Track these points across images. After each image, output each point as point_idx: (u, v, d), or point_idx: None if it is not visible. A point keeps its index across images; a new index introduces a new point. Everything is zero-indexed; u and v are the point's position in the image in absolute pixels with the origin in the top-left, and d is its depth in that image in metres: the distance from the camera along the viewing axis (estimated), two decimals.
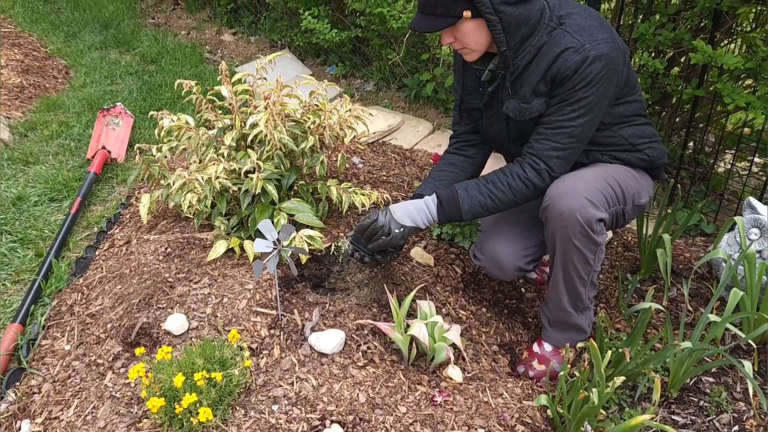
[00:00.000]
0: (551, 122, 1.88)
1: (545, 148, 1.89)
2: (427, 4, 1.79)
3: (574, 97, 1.81)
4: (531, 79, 1.86)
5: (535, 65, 1.84)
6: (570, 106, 1.83)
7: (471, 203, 1.94)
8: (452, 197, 1.95)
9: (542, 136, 1.90)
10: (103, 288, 2.26)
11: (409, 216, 1.96)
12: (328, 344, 1.92)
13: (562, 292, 1.99)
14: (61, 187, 3.03)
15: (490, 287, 2.40)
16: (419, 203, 1.98)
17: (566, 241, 1.86)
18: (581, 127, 1.87)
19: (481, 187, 1.94)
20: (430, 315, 2.02)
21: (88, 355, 1.97)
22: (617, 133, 1.99)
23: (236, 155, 2.33)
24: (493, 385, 2.00)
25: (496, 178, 1.95)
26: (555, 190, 1.86)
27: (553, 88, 1.84)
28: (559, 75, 1.80)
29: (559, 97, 1.84)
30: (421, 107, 4.00)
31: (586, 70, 1.77)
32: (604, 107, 1.89)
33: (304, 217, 2.23)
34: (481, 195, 1.94)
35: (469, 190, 1.95)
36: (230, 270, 2.19)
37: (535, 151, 1.91)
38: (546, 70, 1.82)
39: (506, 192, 1.93)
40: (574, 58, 1.77)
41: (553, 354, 2.13)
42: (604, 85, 1.82)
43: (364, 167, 3.08)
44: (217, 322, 1.98)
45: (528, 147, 1.94)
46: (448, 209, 1.96)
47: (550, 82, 1.83)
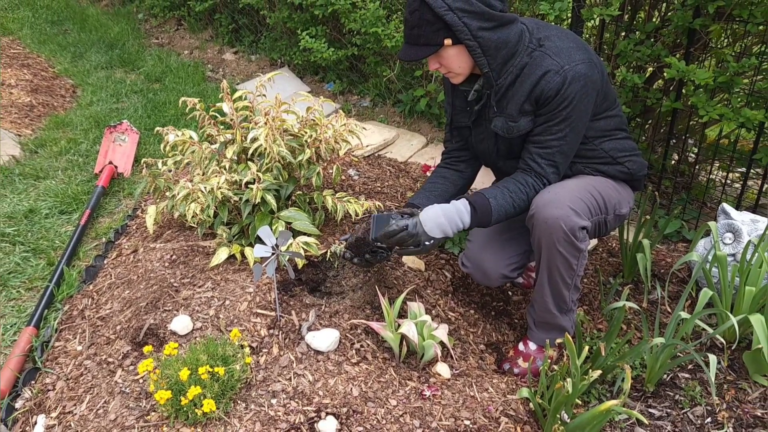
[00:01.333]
0: (540, 141, 2.02)
1: (540, 164, 2.04)
2: (411, 35, 1.94)
3: (558, 117, 1.96)
4: (516, 98, 2.00)
5: (519, 85, 1.98)
6: (556, 126, 1.98)
7: (499, 212, 2.03)
8: (486, 206, 2.00)
9: (535, 155, 2.04)
10: (112, 293, 2.40)
11: (439, 228, 1.98)
12: (323, 343, 2.05)
13: (547, 294, 2.11)
14: (70, 201, 3.18)
15: (479, 291, 2.53)
16: (449, 211, 2.00)
17: (551, 247, 1.99)
18: (568, 144, 2.02)
19: (506, 197, 2.03)
20: (419, 315, 2.14)
21: (98, 354, 2.10)
22: (599, 147, 2.13)
23: (237, 167, 2.47)
24: (480, 381, 2.12)
25: (518, 188, 2.04)
26: (541, 199, 2.00)
27: (538, 108, 1.99)
28: (543, 96, 1.94)
29: (544, 117, 1.98)
30: (416, 122, 4.15)
31: (567, 90, 1.92)
32: (585, 122, 2.04)
33: (301, 225, 2.37)
34: (508, 204, 2.03)
35: (498, 198, 2.02)
36: (232, 275, 2.32)
37: (530, 168, 2.05)
38: (530, 91, 1.96)
39: (525, 201, 2.04)
40: (555, 80, 1.91)
41: (537, 352, 2.25)
42: (585, 102, 1.97)
43: (360, 179, 3.22)
44: (219, 323, 2.11)
45: (524, 163, 2.07)
46: (481, 216, 2.00)
47: (535, 101, 1.98)
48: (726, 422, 2.02)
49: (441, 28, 1.88)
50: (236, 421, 1.83)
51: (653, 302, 2.60)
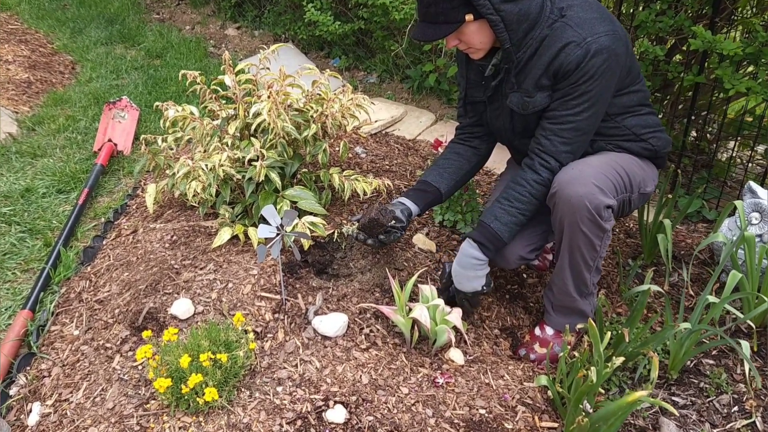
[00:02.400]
0: (556, 117, 1.90)
1: (553, 144, 1.92)
2: (428, 13, 1.80)
3: (577, 91, 1.83)
4: (533, 72, 1.88)
5: (537, 58, 1.86)
6: (574, 100, 1.85)
7: (509, 230, 1.97)
8: (490, 234, 1.97)
9: (549, 132, 1.92)
10: (110, 275, 2.30)
11: (468, 280, 2.03)
12: (331, 327, 1.95)
13: (568, 277, 2.01)
14: (68, 179, 3.08)
15: (493, 272, 2.42)
16: (465, 261, 2.00)
17: (574, 227, 1.88)
18: (586, 121, 1.89)
19: (510, 210, 1.96)
20: (431, 299, 2.04)
21: (96, 339, 2.01)
22: (621, 124, 2.01)
23: (240, 144, 2.36)
24: (495, 368, 2.03)
25: (518, 194, 1.96)
26: (563, 176, 1.88)
27: (556, 82, 1.86)
28: (562, 69, 1.82)
29: (562, 92, 1.86)
30: (424, 98, 4.02)
31: (588, 64, 1.79)
32: (607, 99, 1.91)
33: (307, 204, 2.27)
34: (513, 218, 1.97)
35: (500, 218, 1.97)
36: (235, 256, 2.22)
37: (543, 149, 1.93)
38: (548, 64, 1.84)
39: (531, 202, 1.96)
40: (576, 53, 1.79)
41: (554, 338, 2.15)
42: (607, 77, 1.84)
43: (367, 157, 3.11)
44: (222, 307, 2.01)
45: (536, 143, 1.96)
46: (493, 246, 1.98)
47: (553, 76, 1.85)
48: (754, 411, 1.92)
49: (461, 4, 1.76)
50: (240, 410, 1.74)
51: (674, 285, 2.50)
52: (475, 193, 2.56)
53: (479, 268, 2.01)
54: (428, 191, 2.20)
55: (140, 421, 1.72)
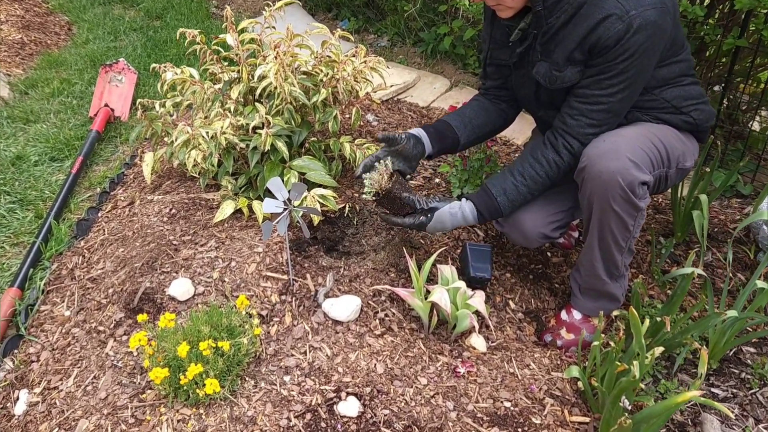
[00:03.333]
0: (587, 96, 1.72)
1: (580, 125, 1.75)
2: None
3: (614, 69, 1.65)
4: (566, 43, 1.69)
5: (572, 28, 1.67)
6: (609, 79, 1.67)
7: (512, 205, 1.88)
8: (493, 207, 1.87)
9: (576, 111, 1.75)
10: (104, 251, 2.14)
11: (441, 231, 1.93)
12: (343, 311, 1.80)
13: (597, 259, 1.85)
14: (62, 146, 2.90)
15: (515, 251, 2.26)
16: (456, 218, 1.88)
17: (604, 206, 1.71)
18: (620, 103, 1.72)
19: (520, 188, 1.85)
20: (452, 280, 1.88)
21: (88, 321, 1.86)
22: (659, 96, 1.82)
23: (243, 110, 2.18)
24: (519, 355, 1.87)
25: (533, 171, 1.83)
26: (594, 149, 1.70)
27: (591, 58, 1.68)
28: (599, 44, 1.63)
29: (597, 68, 1.68)
30: (438, 63, 3.81)
31: (629, 41, 1.60)
32: (646, 78, 1.73)
33: (316, 175, 2.09)
34: (521, 196, 1.86)
35: (508, 193, 1.85)
36: (238, 232, 2.06)
37: (568, 129, 1.77)
38: (584, 37, 1.65)
39: (545, 184, 1.85)
40: (616, 27, 1.60)
41: (582, 322, 1.99)
42: (648, 56, 1.65)
43: (379, 125, 2.92)
44: (224, 288, 1.85)
45: (561, 122, 1.79)
46: (489, 216, 1.89)
47: (588, 51, 1.67)
48: None
49: None
50: (244, 402, 1.59)
51: (708, 265, 2.33)
52: (497, 165, 2.38)
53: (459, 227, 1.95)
54: (448, 136, 2.04)
55: (135, 412, 1.58)
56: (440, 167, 2.49)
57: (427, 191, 2.43)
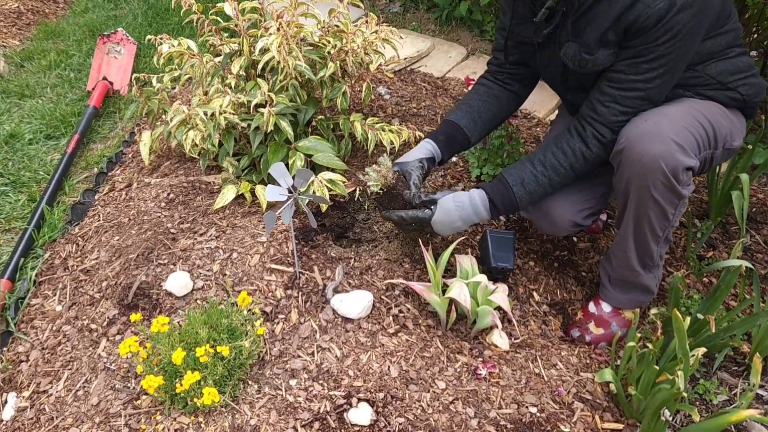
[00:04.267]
0: (621, 81, 1.54)
1: (612, 113, 1.58)
2: None
3: (653, 52, 1.47)
4: (598, 22, 1.51)
5: (606, 5, 1.49)
6: (647, 63, 1.49)
7: (530, 198, 1.71)
8: (509, 198, 1.70)
9: (608, 97, 1.57)
10: (99, 239, 2.01)
11: (453, 229, 1.75)
12: (353, 308, 1.65)
13: (631, 249, 1.69)
14: (58, 123, 2.75)
15: (538, 237, 2.10)
16: (465, 209, 1.71)
17: (643, 193, 1.54)
18: (658, 89, 1.54)
19: (541, 180, 1.68)
20: (471, 273, 1.73)
21: (80, 318, 1.73)
22: (703, 72, 1.63)
23: (245, 86, 2.01)
24: (545, 353, 1.73)
25: (557, 163, 1.66)
26: (634, 130, 1.52)
27: (626, 39, 1.50)
28: (637, 24, 1.44)
29: (633, 50, 1.50)
30: (454, 30, 3.59)
31: (672, 19, 1.42)
32: (688, 60, 1.55)
33: (323, 157, 1.93)
34: (541, 188, 1.69)
35: (526, 184, 1.69)
36: (240, 219, 1.91)
37: (599, 117, 1.60)
38: (619, 15, 1.47)
39: (569, 176, 1.69)
40: (657, 5, 1.41)
41: (612, 315, 1.84)
42: (692, 36, 1.47)
43: (392, 98, 2.74)
44: (225, 281, 1.71)
45: (590, 109, 1.62)
46: (503, 209, 1.72)
47: (623, 31, 1.48)
48: None
49: None
50: (247, 408, 1.46)
51: (747, 249, 2.16)
52: (519, 143, 2.20)
53: (469, 225, 1.75)
54: (458, 140, 1.89)
55: (129, 421, 1.46)
56: None
57: (444, 171, 2.27)
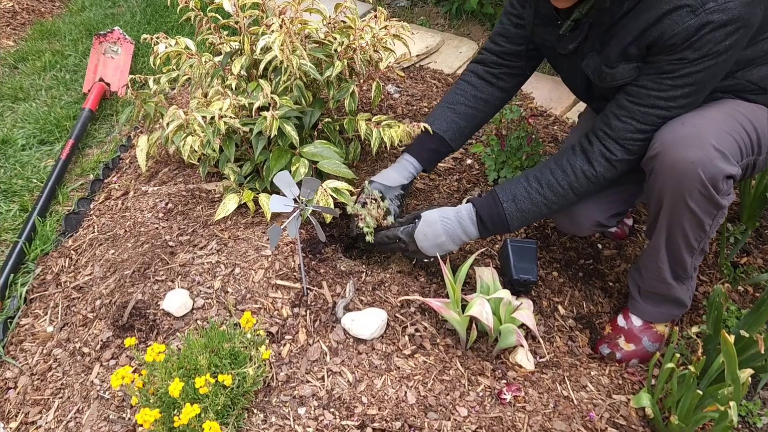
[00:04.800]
0: (641, 96, 1.42)
1: (628, 129, 1.45)
2: None
3: (679, 71, 1.35)
4: (621, 35, 1.39)
5: (633, 17, 1.36)
6: (672, 80, 1.37)
7: (522, 218, 1.58)
8: (497, 214, 1.59)
9: (626, 112, 1.45)
10: (93, 252, 1.88)
11: (439, 247, 1.62)
12: (366, 327, 1.53)
13: (663, 260, 1.56)
14: (52, 128, 2.63)
15: (560, 244, 1.97)
16: (451, 222, 1.61)
17: (678, 201, 1.41)
18: (683, 108, 1.41)
19: (535, 197, 1.56)
20: (493, 288, 1.60)
21: (72, 340, 1.60)
22: (743, 79, 1.49)
23: (247, 87, 1.89)
24: (574, 373, 1.60)
25: (555, 181, 1.54)
26: (669, 133, 1.39)
27: (650, 54, 1.37)
28: (662, 41, 1.32)
29: (657, 66, 1.38)
30: (464, 24, 3.45)
31: (702, 39, 1.29)
32: (721, 76, 1.42)
33: (329, 164, 1.80)
34: (535, 207, 1.57)
35: (518, 200, 1.57)
36: (243, 231, 1.78)
37: (611, 133, 1.48)
38: (644, 30, 1.34)
39: (567, 197, 1.56)
40: (686, 22, 1.28)
41: (643, 330, 1.71)
42: (727, 56, 1.33)
43: (401, 97, 2.60)
44: (227, 300, 1.59)
45: (603, 124, 1.50)
46: (492, 227, 1.61)
47: (647, 46, 1.36)
48: None
49: None
50: None
51: None
52: (539, 144, 2.07)
53: (457, 243, 1.63)
54: (442, 153, 1.85)
55: None
56: (472, 146, 2.18)
57: (459, 174, 2.14)
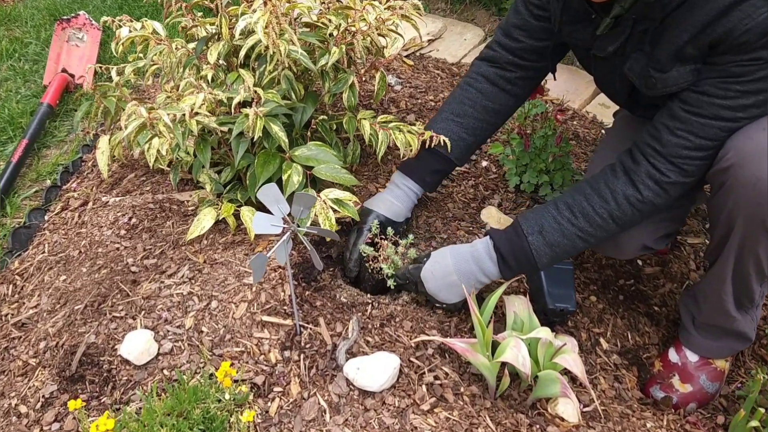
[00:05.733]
0: (701, 104, 1.15)
1: (683, 146, 1.18)
2: None
3: (752, 74, 1.09)
4: (675, 32, 1.12)
5: (686, 11, 1.09)
6: (741, 85, 1.10)
7: (552, 253, 1.30)
8: (521, 249, 1.30)
9: (681, 124, 1.18)
10: (41, 278, 1.57)
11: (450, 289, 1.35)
12: (374, 377, 1.23)
13: (728, 291, 1.29)
14: (4, 125, 2.30)
15: (595, 261, 1.68)
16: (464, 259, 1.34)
17: (755, 226, 1.15)
18: (753, 120, 1.14)
19: (567, 229, 1.27)
20: (528, 323, 1.31)
21: (8, 395, 1.29)
22: None
23: (226, 78, 1.58)
24: (627, 426, 1.31)
25: (592, 209, 1.26)
26: (747, 142, 1.12)
27: (713, 55, 1.10)
28: (731, 38, 1.06)
29: (722, 69, 1.12)
30: (468, 9, 3.15)
31: None
32: None
33: (327, 170, 1.49)
34: (568, 241, 1.28)
35: (546, 234, 1.28)
36: (221, 253, 1.48)
37: (664, 149, 1.20)
38: (705, 25, 1.07)
39: (607, 228, 1.28)
40: (762, 15, 1.02)
41: (699, 366, 1.44)
42: None
43: (404, 89, 2.30)
44: (201, 342, 1.29)
45: (652, 138, 1.22)
46: (515, 265, 1.32)
47: (710, 45, 1.09)
48: None
49: None
50: None
51: None
52: (568, 144, 1.78)
53: (473, 284, 1.34)
54: (446, 173, 1.64)
55: None
56: (490, 147, 1.88)
57: (475, 180, 1.84)
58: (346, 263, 1.48)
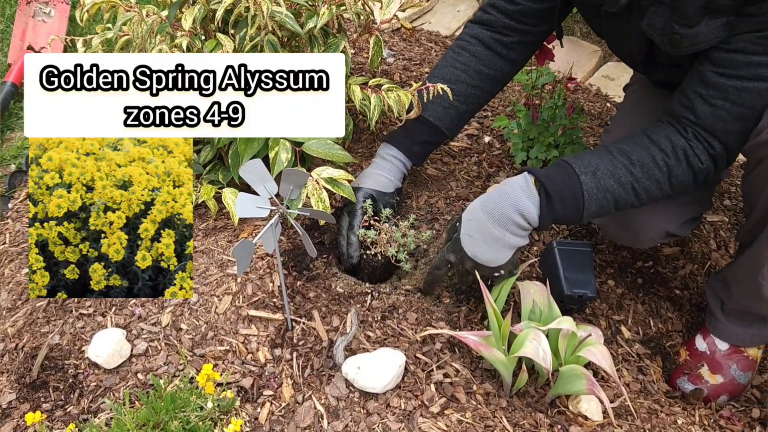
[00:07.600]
0: (738, 65, 1.03)
1: (719, 116, 1.06)
2: None
3: None
4: None
5: None
6: None
7: (603, 200, 1.12)
8: (570, 188, 1.11)
9: (715, 91, 1.05)
10: (1, 272, 1.41)
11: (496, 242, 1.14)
12: (377, 377, 1.09)
13: (765, 274, 1.15)
14: None
15: (611, 241, 1.55)
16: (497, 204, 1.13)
17: None
18: None
19: (620, 172, 1.11)
20: (548, 311, 1.18)
21: None
22: None
23: (203, 47, 1.42)
24: (656, 424, 1.19)
25: (648, 156, 1.11)
26: None
27: (749, 3, 0.97)
28: None
29: (759, 20, 0.99)
30: None
31: None
32: None
33: (318, 146, 1.34)
34: (622, 187, 1.11)
35: (600, 177, 1.11)
36: (202, 240, 1.32)
37: (699, 122, 1.08)
38: None
39: (661, 184, 1.12)
40: None
41: (730, 355, 1.32)
42: None
43: (397, 62, 2.15)
44: (180, 341, 1.14)
45: (684, 106, 1.10)
46: (561, 210, 1.12)
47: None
48: None
49: None
50: None
51: None
52: (581, 116, 1.64)
53: (514, 232, 1.13)
54: (436, 144, 1.49)
55: None
56: (495, 120, 1.74)
57: (477, 156, 1.70)
58: (344, 249, 1.33)
